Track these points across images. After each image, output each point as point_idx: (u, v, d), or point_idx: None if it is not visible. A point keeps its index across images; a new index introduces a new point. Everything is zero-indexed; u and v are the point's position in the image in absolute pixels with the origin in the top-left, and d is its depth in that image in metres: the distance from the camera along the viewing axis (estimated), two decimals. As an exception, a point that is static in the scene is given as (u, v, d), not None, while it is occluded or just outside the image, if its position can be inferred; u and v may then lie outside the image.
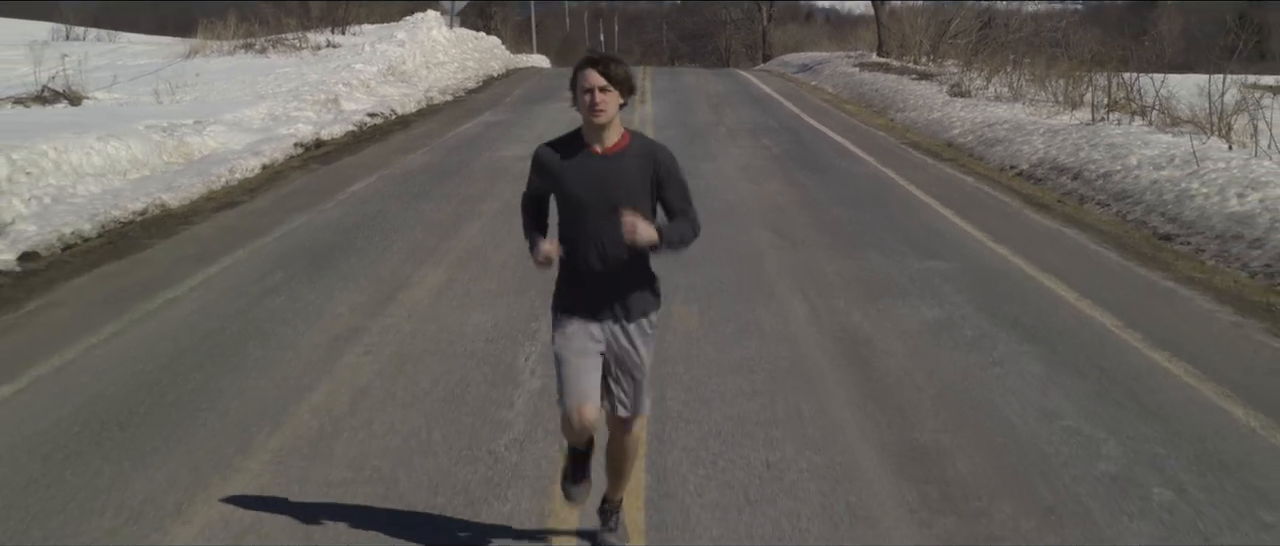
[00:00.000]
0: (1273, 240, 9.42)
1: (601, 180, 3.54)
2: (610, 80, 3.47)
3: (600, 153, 3.56)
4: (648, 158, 3.57)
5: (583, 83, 3.49)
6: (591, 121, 3.51)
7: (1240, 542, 4.02)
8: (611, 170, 3.54)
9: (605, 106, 3.48)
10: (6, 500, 4.28)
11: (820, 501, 4.30)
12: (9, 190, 9.85)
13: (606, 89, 3.48)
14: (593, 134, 3.56)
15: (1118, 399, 5.51)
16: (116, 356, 6.05)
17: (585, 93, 3.49)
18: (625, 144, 3.58)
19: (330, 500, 4.28)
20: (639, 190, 3.54)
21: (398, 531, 4.04)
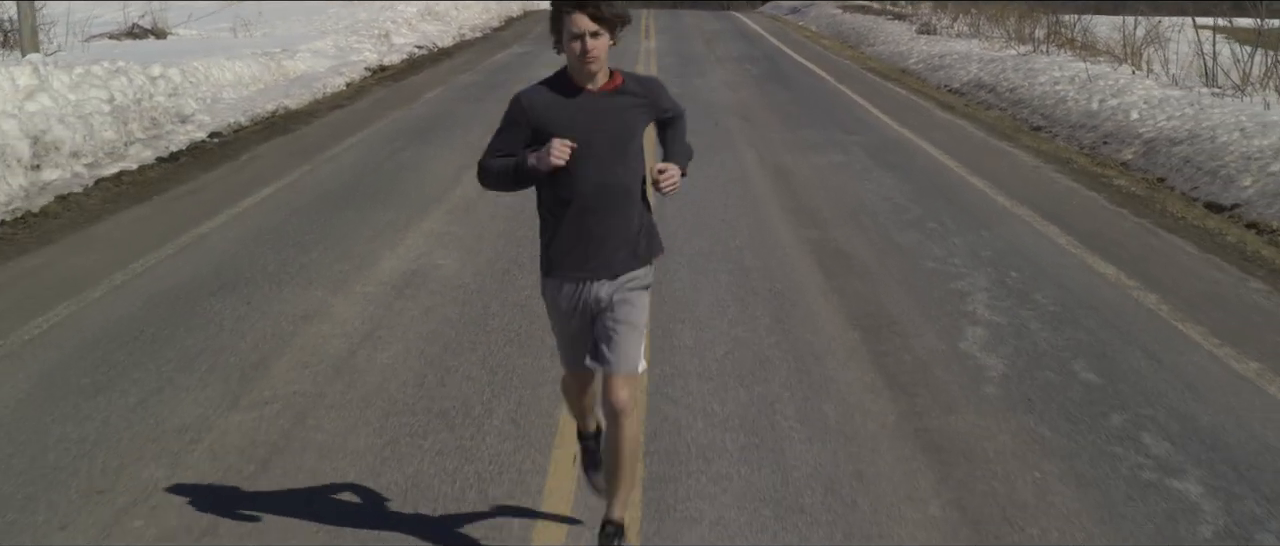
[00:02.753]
0: (1104, 127, 13.33)
1: (600, 119, 3.36)
2: (601, 23, 3.23)
3: (595, 91, 3.37)
4: (648, 98, 3.44)
5: (571, 27, 3.24)
6: (583, 68, 3.30)
7: (961, 235, 7.97)
8: (610, 108, 3.37)
9: (597, 52, 3.25)
10: (315, 224, 8.24)
11: (747, 224, 8.27)
12: (184, 92, 13.77)
13: (597, 33, 3.24)
14: (583, 77, 3.35)
15: (933, 194, 9.49)
16: (325, 175, 10.02)
17: (574, 39, 3.24)
18: (620, 83, 3.39)
19: (481, 234, 8.23)
20: (637, 128, 3.42)
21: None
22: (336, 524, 3.91)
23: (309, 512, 3.98)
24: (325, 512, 3.99)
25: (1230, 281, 7.08)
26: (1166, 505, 4.10)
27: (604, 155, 3.37)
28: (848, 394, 5.10)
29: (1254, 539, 3.86)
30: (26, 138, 10.07)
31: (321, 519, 3.95)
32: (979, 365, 5.48)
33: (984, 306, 6.40)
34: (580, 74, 3.35)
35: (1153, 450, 4.55)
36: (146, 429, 4.67)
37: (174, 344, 5.69)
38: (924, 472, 4.33)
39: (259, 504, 4.04)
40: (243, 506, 4.03)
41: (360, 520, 3.94)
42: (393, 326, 5.98)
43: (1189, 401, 5.05)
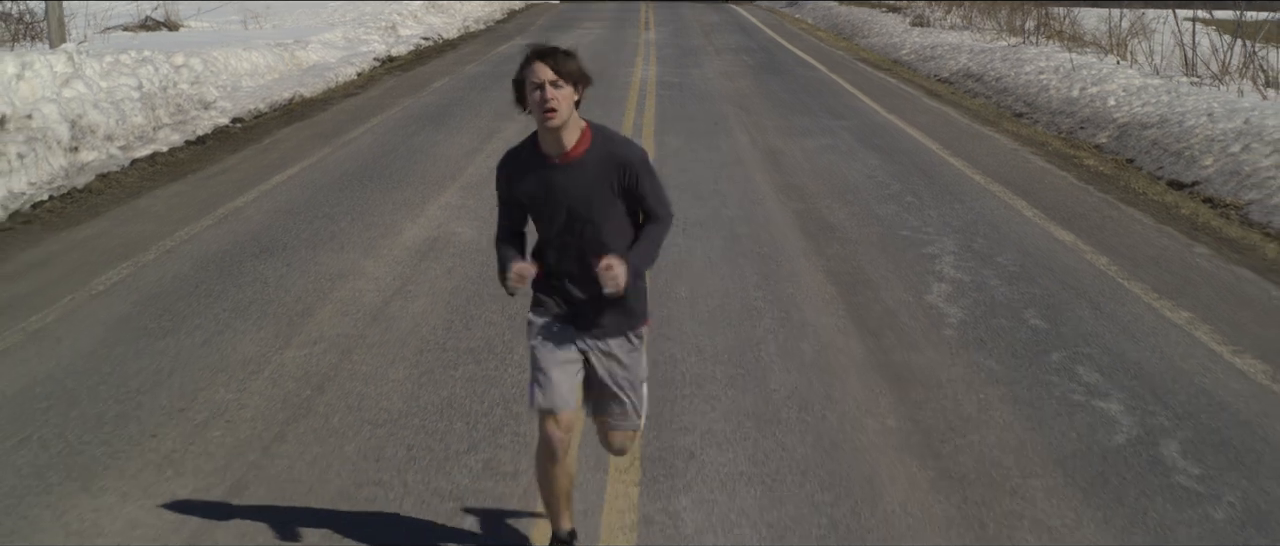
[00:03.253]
0: (1082, 113, 14.05)
1: (561, 193, 3.26)
2: (561, 74, 3.14)
3: (558, 162, 3.25)
4: (613, 164, 3.25)
5: (531, 77, 3.16)
6: (544, 125, 3.18)
7: (936, 208, 8.71)
8: (571, 182, 3.24)
9: (558, 105, 3.13)
10: (340, 199, 8.96)
11: (740, 198, 9.00)
12: (206, 80, 14.50)
13: (557, 83, 3.14)
14: (548, 140, 3.24)
15: (913, 173, 10.22)
16: (345, 157, 10.75)
17: (535, 88, 3.15)
18: (585, 148, 3.24)
19: (494, 208, 8.96)
20: (604, 198, 3.26)
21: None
22: (387, 426, 4.65)
23: (361, 429, 4.72)
24: (375, 426, 4.74)
25: (1177, 247, 7.82)
26: (1089, 419, 4.84)
27: (569, 229, 3.28)
28: (822, 335, 5.84)
29: (1159, 444, 4.60)
30: (65, 121, 10.81)
31: (375, 423, 4.69)
32: (941, 313, 6.23)
33: (950, 267, 7.14)
34: (544, 135, 3.24)
35: (1084, 378, 5.29)
36: (213, 362, 5.42)
37: (226, 297, 6.43)
38: (885, 395, 5.08)
39: (317, 421, 4.79)
40: (305, 422, 4.77)
41: (403, 432, 4.69)
42: (420, 283, 6.72)
43: (1122, 342, 5.79)
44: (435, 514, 3.98)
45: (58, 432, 4.63)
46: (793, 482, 4.22)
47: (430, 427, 4.70)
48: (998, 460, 4.43)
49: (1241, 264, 7.41)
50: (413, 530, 3.90)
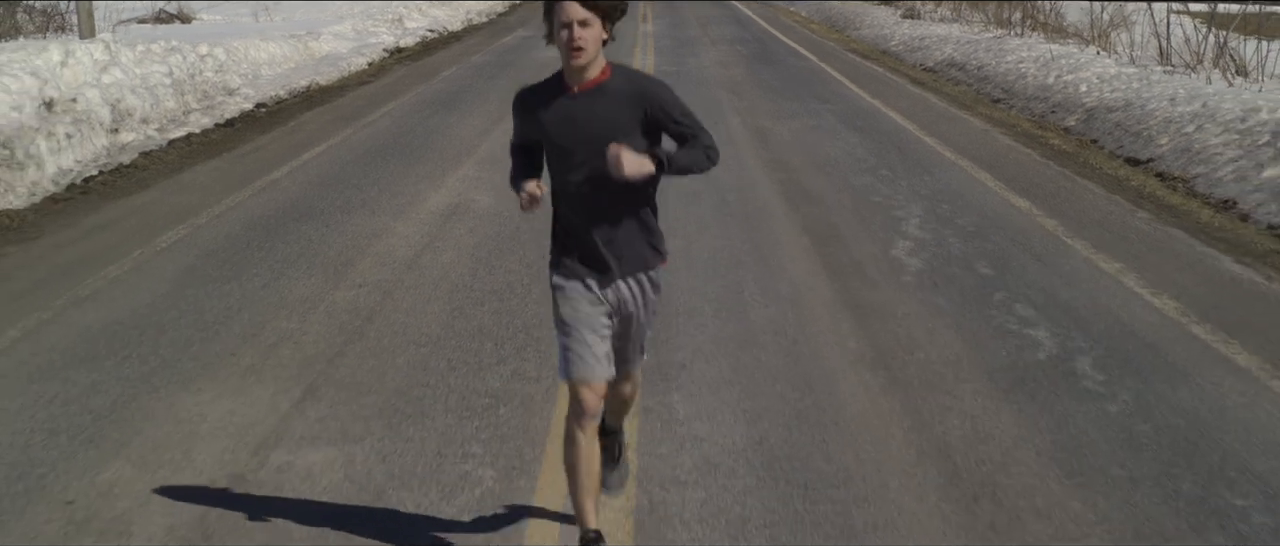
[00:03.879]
0: (1055, 99, 14.98)
1: (579, 122, 3.26)
2: (592, 10, 3.12)
3: (578, 91, 3.25)
4: (633, 94, 3.26)
5: (560, 16, 3.13)
6: (570, 63, 3.18)
7: (907, 180, 9.65)
8: (589, 109, 3.24)
9: (585, 43, 3.12)
10: (366, 172, 9.90)
11: (730, 171, 9.92)
12: (229, 68, 15.42)
13: (587, 22, 3.12)
14: (571, 74, 3.24)
15: (890, 150, 11.16)
16: (366, 137, 11.68)
17: (563, 27, 3.13)
18: (603, 79, 3.25)
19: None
20: (624, 128, 3.23)
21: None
22: (429, 346, 5.60)
23: (407, 348, 5.67)
24: (418, 346, 5.69)
25: (1121, 212, 8.77)
26: (1019, 342, 5.79)
27: (586, 159, 3.26)
28: (797, 279, 6.79)
29: (1074, 360, 5.54)
30: (106, 105, 11.74)
31: (419, 344, 5.64)
32: (902, 263, 7.17)
33: (915, 225, 8.09)
34: (568, 69, 3.23)
35: (1020, 313, 6.24)
36: (274, 300, 6.36)
37: (276, 251, 7.37)
38: (848, 324, 6.02)
39: (370, 342, 5.73)
40: (360, 344, 5.71)
41: (443, 350, 5.63)
42: (446, 240, 7.66)
43: (1057, 286, 6.74)
44: (473, 409, 4.92)
45: (153, 351, 5.57)
46: (766, 384, 5.17)
47: (465, 347, 5.64)
48: (937, 371, 5.37)
49: (1176, 226, 8.35)
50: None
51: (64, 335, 5.82)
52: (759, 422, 4.76)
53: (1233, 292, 6.71)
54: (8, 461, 4.39)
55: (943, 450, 4.52)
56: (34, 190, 9.63)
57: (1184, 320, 6.14)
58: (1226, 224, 8.51)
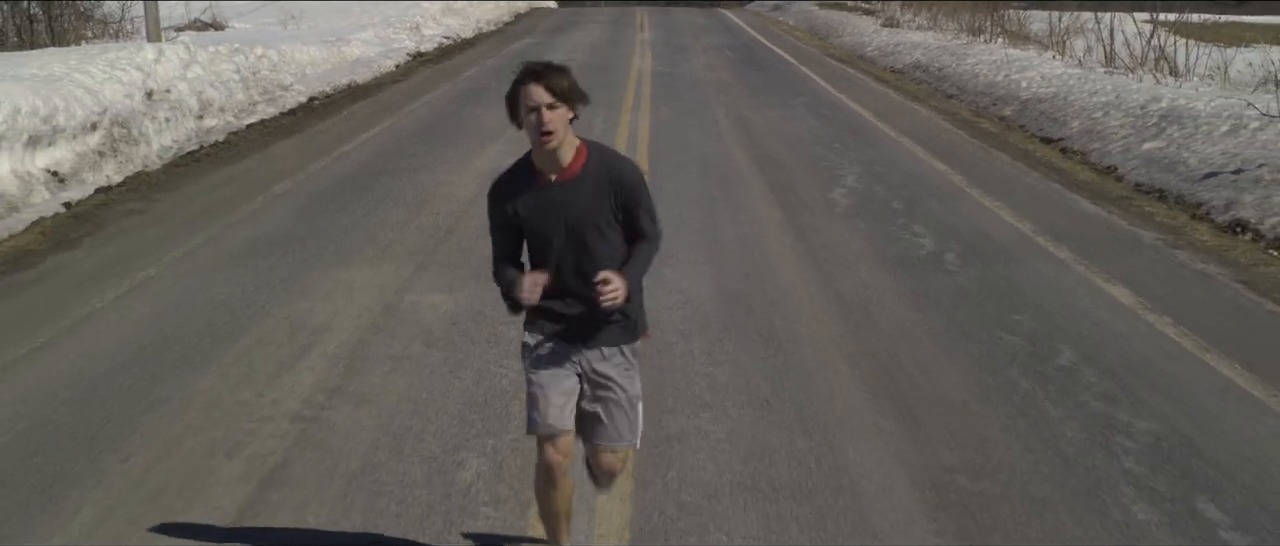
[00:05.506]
0: (997, 93, 17.61)
1: (558, 213, 3.33)
2: (556, 95, 3.21)
3: (555, 180, 3.33)
4: (609, 180, 3.35)
5: (526, 100, 3.22)
6: (541, 147, 3.26)
7: (855, 152, 12.24)
8: (570, 199, 3.33)
9: (554, 126, 3.21)
10: (418, 146, 12.47)
11: (713, 146, 12.54)
12: (281, 68, 18.02)
13: (553, 105, 3.21)
14: (545, 160, 3.31)
15: (845, 131, 13.77)
16: (410, 123, 14.29)
17: (530, 111, 3.22)
18: (582, 165, 3.34)
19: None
20: (602, 214, 3.35)
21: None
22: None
23: (482, 250, 8.25)
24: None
25: (1018, 173, 11.38)
26: (908, 245, 8.37)
27: (570, 247, 3.34)
28: (758, 212, 9.39)
29: (944, 255, 8.12)
30: (193, 95, 14.33)
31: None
32: (836, 202, 9.78)
33: (852, 180, 10.70)
34: (540, 155, 3.31)
35: (914, 230, 8.83)
36: (377, 222, 8.94)
37: (365, 195, 9.95)
38: (789, 236, 8.61)
39: (454, 243, 8.30)
40: (446, 244, 8.28)
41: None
42: (493, 188, 10.28)
43: (948, 216, 9.32)
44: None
45: (302, 251, 8.14)
46: (728, 265, 7.75)
47: (521, 246, 8.24)
48: (848, 258, 7.96)
49: (1058, 182, 10.96)
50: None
51: (233, 243, 8.39)
52: (721, 280, 7.35)
53: (1077, 219, 9.33)
54: (237, 302, 6.95)
55: (839, 294, 7.12)
56: (146, 162, 12.19)
57: (1032, 234, 8.74)
58: (1100, 181, 11.12)
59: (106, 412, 5.17)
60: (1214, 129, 11.93)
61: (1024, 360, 5.93)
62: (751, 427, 5.03)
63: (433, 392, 5.45)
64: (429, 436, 4.94)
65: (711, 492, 4.41)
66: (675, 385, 5.51)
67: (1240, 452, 4.81)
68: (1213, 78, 18.74)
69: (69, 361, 5.90)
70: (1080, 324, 6.53)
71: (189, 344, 6.14)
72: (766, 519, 4.20)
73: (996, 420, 5.15)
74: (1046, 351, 6.06)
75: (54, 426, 5.04)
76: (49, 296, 7.14)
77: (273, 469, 4.61)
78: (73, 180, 10.90)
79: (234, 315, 6.64)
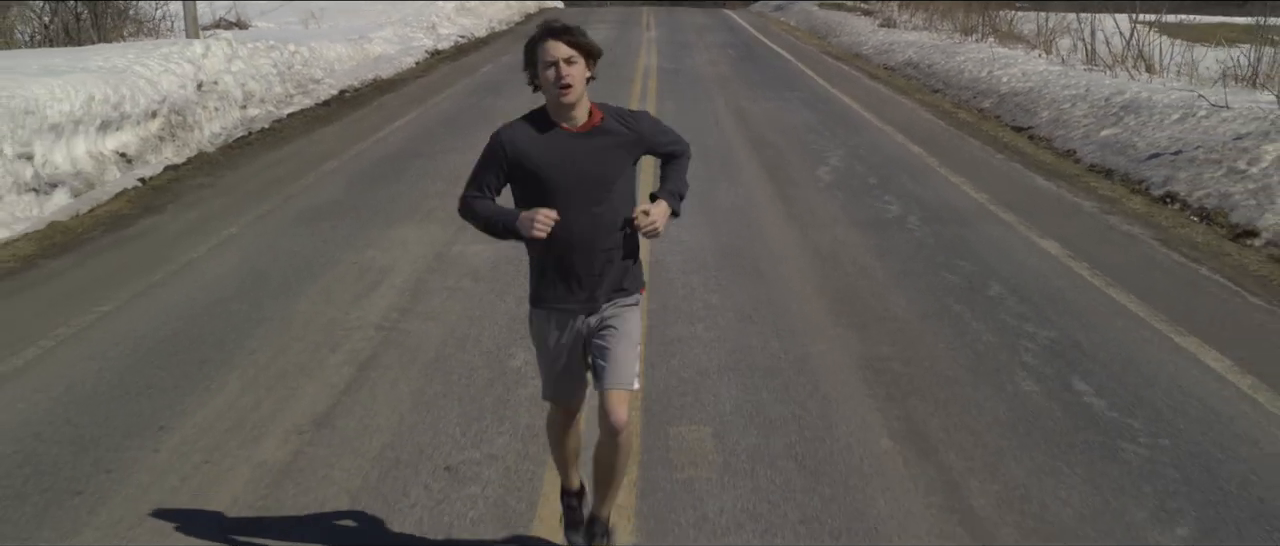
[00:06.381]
0: (980, 87, 19.05)
1: (580, 161, 3.44)
2: (576, 49, 3.34)
3: (578, 131, 3.45)
4: (632, 136, 3.54)
5: (544, 56, 3.34)
6: (560, 101, 3.37)
7: (842, 137, 13.69)
8: (589, 149, 3.45)
9: (573, 81, 3.33)
10: (447, 133, 13.94)
11: (713, 132, 14.00)
12: (312, 63, 19.50)
13: (572, 60, 3.33)
14: (561, 112, 3.42)
15: (835, 121, 15.23)
16: (437, 113, 15.75)
17: (548, 66, 3.33)
18: (599, 120, 3.48)
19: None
20: (623, 167, 3.52)
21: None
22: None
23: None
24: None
25: (985, 155, 12.82)
26: (878, 210, 9.81)
27: (584, 197, 3.42)
28: (751, 187, 10.84)
29: (908, 218, 9.56)
30: (238, 87, 15.81)
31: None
32: (820, 178, 11.23)
33: (836, 160, 12.16)
34: (557, 108, 3.41)
35: (885, 199, 10.27)
36: (420, 193, 10.39)
37: (406, 172, 11.40)
38: (777, 204, 10.06)
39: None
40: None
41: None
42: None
43: (916, 189, 10.77)
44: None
45: (356, 216, 9.59)
46: (726, 226, 9.20)
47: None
48: (825, 221, 9.41)
49: (1020, 163, 12.41)
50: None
51: (297, 210, 9.84)
52: (718, 236, 8.81)
53: (1029, 192, 10.78)
54: (311, 252, 8.40)
55: (815, 245, 8.57)
56: (200, 146, 13.66)
57: (987, 203, 10.19)
58: (1058, 163, 12.57)
59: (227, 325, 6.63)
60: (1166, 117, 13.36)
61: (960, 291, 7.38)
62: (736, 333, 6.48)
63: (484, 310, 6.91)
64: (484, 338, 6.40)
65: (703, 372, 5.86)
66: (677, 306, 6.97)
67: (1115, 352, 6.25)
68: (1184, 74, 20.16)
69: (185, 292, 7.36)
70: (1012, 268, 7.97)
71: (278, 281, 7.60)
72: (744, 388, 5.65)
73: (928, 329, 6.60)
74: (980, 286, 7.51)
75: (189, 333, 6.50)
76: (152, 248, 8.61)
77: (366, 359, 6.06)
78: (138, 161, 12.36)
79: (310, 261, 8.10)
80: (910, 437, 5.07)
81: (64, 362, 6.03)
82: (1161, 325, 6.72)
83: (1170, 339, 6.49)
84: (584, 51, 3.39)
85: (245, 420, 5.25)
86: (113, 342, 6.33)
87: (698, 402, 5.47)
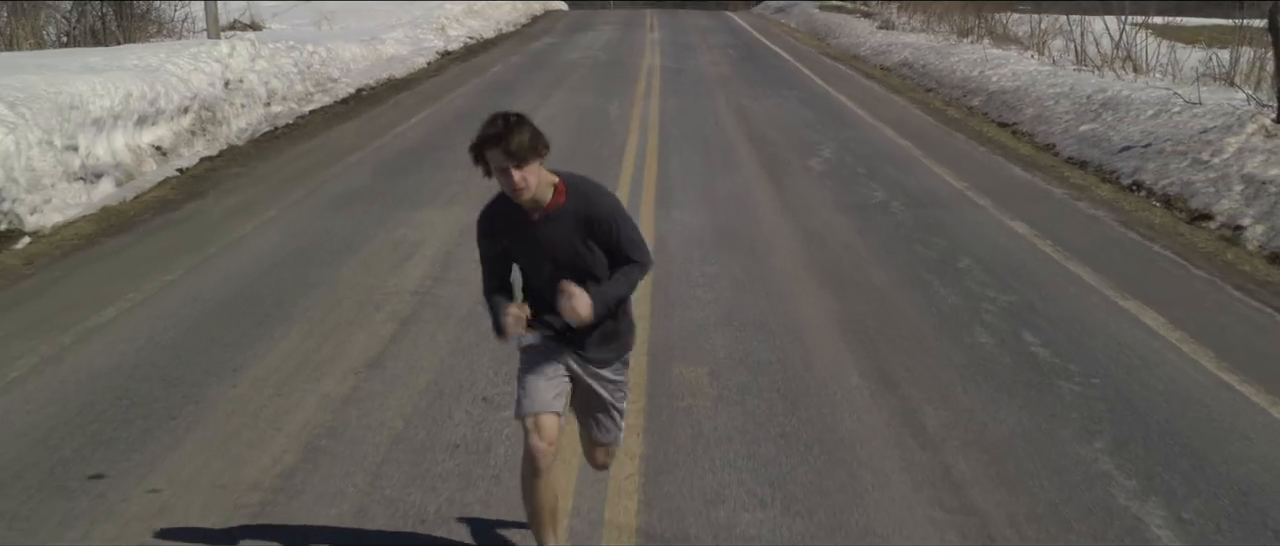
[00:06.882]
0: (970, 86, 19.93)
1: (542, 245, 3.57)
2: (520, 156, 3.41)
3: (537, 218, 3.56)
4: (582, 214, 3.55)
5: (493, 162, 3.46)
6: (516, 199, 3.50)
7: (835, 132, 14.59)
8: (552, 233, 3.55)
9: (525, 183, 3.43)
10: (462, 126, 14.82)
11: (713, 127, 14.89)
12: (329, 63, 20.42)
13: (521, 164, 3.41)
14: (524, 203, 3.55)
15: (829, 117, 16.12)
16: (452, 109, 16.66)
17: (500, 172, 3.45)
18: (562, 202, 3.55)
19: (563, 127, 14.87)
20: (581, 248, 3.56)
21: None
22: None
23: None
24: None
25: (968, 148, 13.72)
26: (864, 197, 10.70)
27: (553, 272, 3.56)
28: (747, 176, 11.74)
29: (891, 203, 10.45)
30: (262, 85, 16.72)
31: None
32: (812, 167, 12.13)
33: (828, 153, 13.06)
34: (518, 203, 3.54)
35: (871, 187, 11.16)
36: (443, 179, 11.29)
37: (427, 162, 12.30)
38: (771, 190, 10.95)
39: (504, 194, 10.67)
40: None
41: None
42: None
43: (901, 178, 11.65)
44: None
45: (385, 201, 10.49)
46: (723, 209, 10.09)
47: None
48: (814, 205, 10.30)
49: (1000, 155, 13.31)
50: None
51: (329, 195, 10.74)
52: (716, 218, 9.71)
53: (1006, 181, 11.68)
54: (348, 231, 9.29)
55: (804, 226, 9.47)
56: (228, 141, 14.57)
57: (966, 190, 11.08)
58: (1037, 155, 13.47)
59: (280, 290, 7.53)
60: (1142, 113, 14.24)
61: (932, 264, 8.27)
62: (731, 297, 7.38)
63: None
64: (509, 301, 7.30)
65: (702, 326, 6.76)
66: (679, 275, 7.86)
67: (1064, 312, 7.14)
68: (1169, 74, 21.04)
69: (238, 263, 8.26)
70: (982, 245, 8.87)
71: (321, 254, 8.49)
72: (736, 340, 6.54)
73: (901, 295, 7.49)
74: (951, 259, 8.40)
75: (247, 295, 7.40)
76: (200, 228, 9.51)
77: (406, 317, 6.96)
78: (172, 154, 13.26)
79: (348, 238, 9.00)
80: (877, 376, 5.96)
81: (141, 319, 6.93)
82: (1110, 291, 7.61)
83: (1115, 303, 7.38)
84: (528, 153, 3.43)
85: (307, 362, 6.15)
86: (181, 304, 7.24)
87: (696, 349, 6.36)
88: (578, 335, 3.66)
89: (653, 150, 12.91)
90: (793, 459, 4.94)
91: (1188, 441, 5.20)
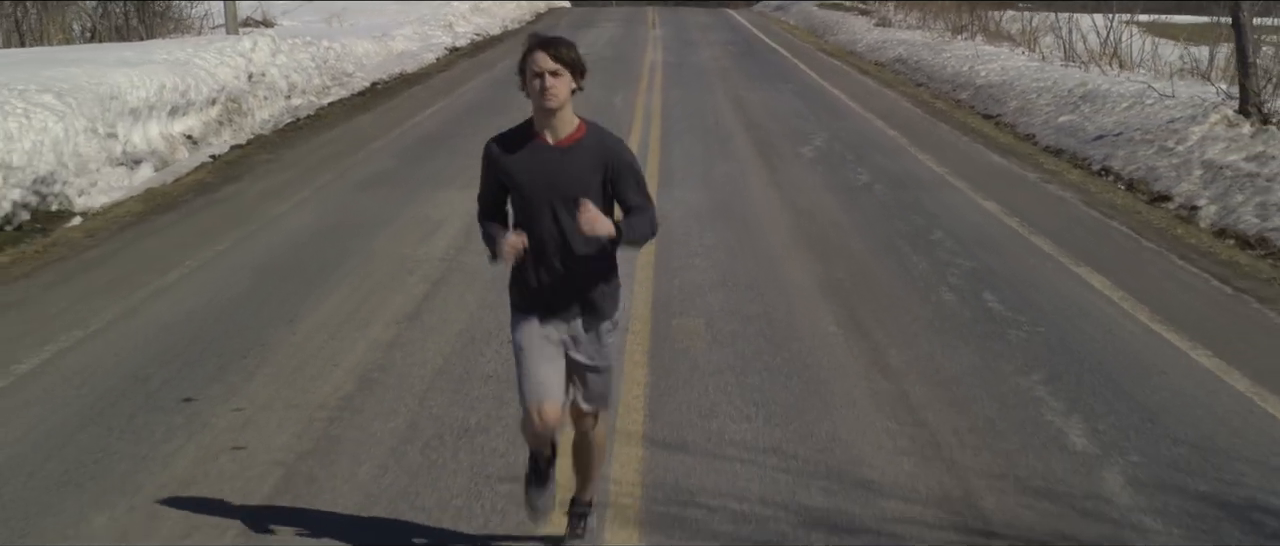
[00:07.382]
0: (958, 81, 20.84)
1: (553, 173, 3.62)
2: (560, 63, 3.54)
3: (552, 144, 3.64)
4: (601, 151, 3.65)
5: (532, 66, 3.56)
6: (543, 106, 3.58)
7: (827, 123, 15.51)
8: (565, 162, 3.63)
9: (557, 90, 3.54)
10: (474, 117, 15.76)
11: (712, 117, 15.81)
12: (344, 58, 21.35)
13: (557, 73, 3.54)
14: (544, 122, 3.63)
15: (822, 109, 17.05)
16: (465, 103, 17.59)
17: (535, 77, 3.55)
18: (580, 136, 3.65)
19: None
20: (591, 183, 3.62)
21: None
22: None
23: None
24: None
25: (953, 138, 14.64)
26: (850, 180, 11.62)
27: (559, 209, 3.63)
28: (743, 161, 12.67)
29: (875, 186, 11.36)
30: (283, 78, 17.65)
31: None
32: (803, 155, 13.05)
33: (820, 141, 13.98)
34: (541, 118, 3.65)
35: (858, 171, 12.08)
36: (457, 167, 12.19)
37: (443, 148, 13.23)
38: (764, 174, 11.88)
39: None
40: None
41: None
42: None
43: (886, 164, 12.58)
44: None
45: (407, 185, 11.40)
46: (720, 190, 11.01)
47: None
48: (804, 187, 11.22)
49: (982, 144, 14.23)
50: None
51: (355, 179, 11.66)
52: (713, 197, 10.63)
53: (984, 167, 12.61)
54: (376, 209, 10.21)
55: (793, 204, 10.40)
56: (253, 130, 15.49)
57: (945, 175, 12.01)
58: (1017, 144, 14.39)
59: (322, 257, 8.45)
60: (1117, 105, 15.16)
61: (908, 235, 9.20)
62: (726, 261, 8.31)
63: (525, 248, 8.74)
64: (527, 266, 8.23)
65: (698, 287, 7.69)
66: (680, 244, 8.79)
67: (1021, 276, 8.07)
68: (1151, 68, 21.92)
69: (280, 236, 9.19)
70: (955, 220, 9.80)
71: (354, 228, 9.42)
72: (729, 296, 7.47)
73: (877, 260, 8.43)
74: (925, 232, 9.33)
75: (292, 261, 8.33)
76: (239, 207, 10.44)
77: (438, 279, 7.89)
78: (202, 143, 14.19)
79: (377, 215, 9.92)
80: (851, 325, 6.89)
81: (201, 282, 7.86)
82: (1065, 260, 8.54)
83: (1069, 268, 8.31)
84: (569, 66, 3.59)
85: (354, 315, 7.08)
86: (234, 268, 8.17)
87: (694, 305, 7.29)
88: (565, 296, 3.75)
89: (656, 138, 13.84)
90: (774, 386, 5.87)
91: (1112, 374, 6.12)
